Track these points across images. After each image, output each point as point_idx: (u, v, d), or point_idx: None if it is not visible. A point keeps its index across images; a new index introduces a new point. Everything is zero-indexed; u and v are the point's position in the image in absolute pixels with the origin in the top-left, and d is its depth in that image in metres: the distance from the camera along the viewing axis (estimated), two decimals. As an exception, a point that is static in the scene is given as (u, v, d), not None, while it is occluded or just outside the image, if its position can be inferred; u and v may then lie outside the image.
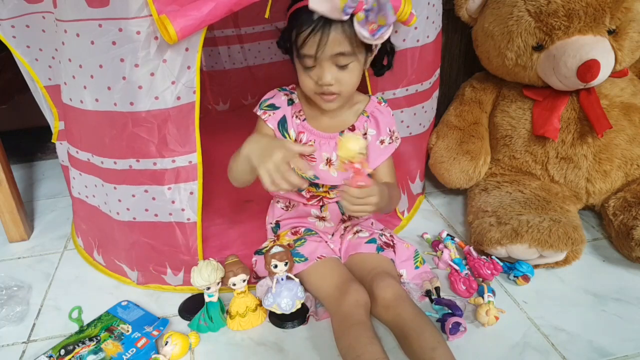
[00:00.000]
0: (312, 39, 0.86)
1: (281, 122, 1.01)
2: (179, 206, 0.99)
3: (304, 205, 1.09)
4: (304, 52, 0.88)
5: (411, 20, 0.95)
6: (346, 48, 0.88)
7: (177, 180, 0.96)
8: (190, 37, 0.85)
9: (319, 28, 0.85)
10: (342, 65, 0.90)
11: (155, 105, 0.89)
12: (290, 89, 1.05)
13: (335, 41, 0.86)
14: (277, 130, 1.01)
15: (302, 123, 1.01)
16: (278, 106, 1.01)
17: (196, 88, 0.90)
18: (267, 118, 1.00)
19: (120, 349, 0.90)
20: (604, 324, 0.96)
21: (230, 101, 1.98)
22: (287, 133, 1.01)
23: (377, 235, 1.06)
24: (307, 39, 0.86)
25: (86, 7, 0.83)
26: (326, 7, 0.83)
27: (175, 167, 0.95)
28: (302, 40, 0.87)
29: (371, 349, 0.81)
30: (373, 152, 1.03)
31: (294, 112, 1.02)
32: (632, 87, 1.25)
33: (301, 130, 1.01)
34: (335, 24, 0.85)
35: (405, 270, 1.04)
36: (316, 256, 1.00)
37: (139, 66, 0.85)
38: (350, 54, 0.89)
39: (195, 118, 0.92)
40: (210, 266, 0.96)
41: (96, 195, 1.06)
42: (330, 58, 0.88)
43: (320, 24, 0.85)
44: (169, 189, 0.97)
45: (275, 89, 1.04)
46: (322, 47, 0.86)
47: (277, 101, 1.02)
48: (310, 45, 0.87)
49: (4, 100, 1.79)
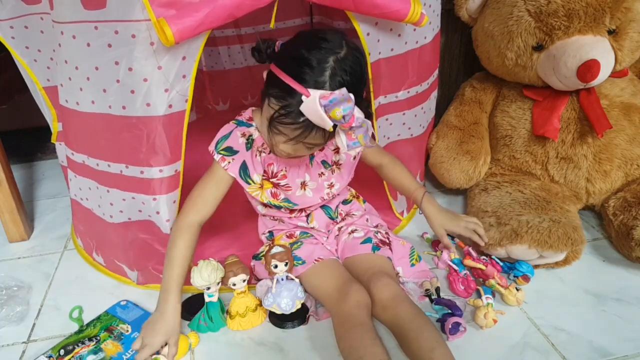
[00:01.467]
0: (294, 131, 0.83)
1: (242, 168, 0.97)
2: (163, 217, 0.98)
3: (289, 219, 1.09)
4: (281, 129, 0.84)
5: (422, 21, 0.94)
6: (321, 141, 0.87)
7: (161, 191, 0.95)
8: (190, 46, 0.84)
9: (303, 126, 0.82)
10: (311, 147, 0.88)
11: (146, 112, 0.87)
12: (247, 120, 0.98)
13: (313, 138, 0.84)
14: (240, 178, 0.97)
15: (269, 156, 0.98)
16: (236, 150, 0.96)
17: (188, 97, 0.88)
18: (227, 166, 0.95)
19: (119, 348, 0.90)
20: (604, 324, 0.96)
21: (230, 101, 1.98)
22: (250, 179, 0.98)
23: (372, 234, 1.06)
24: (287, 125, 0.83)
25: (82, 9, 0.82)
26: (316, 120, 0.80)
27: (161, 177, 0.94)
28: (282, 123, 0.83)
29: (373, 351, 0.81)
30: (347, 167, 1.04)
31: (256, 149, 0.97)
32: (632, 87, 1.25)
33: (269, 162, 0.99)
34: (318, 128, 0.82)
35: (401, 267, 1.04)
36: (314, 258, 1.00)
37: (133, 70, 0.84)
38: (322, 144, 0.89)
39: (184, 125, 0.91)
40: (210, 266, 0.96)
41: (89, 199, 1.06)
42: (301, 144, 0.86)
43: (306, 124, 0.82)
44: (154, 200, 0.96)
45: (231, 123, 0.98)
46: (299, 139, 0.84)
47: (234, 144, 0.96)
48: (289, 131, 0.83)
49: (4, 100, 1.79)
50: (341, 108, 0.78)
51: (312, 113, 0.80)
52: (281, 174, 1.00)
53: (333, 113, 0.78)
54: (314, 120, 0.80)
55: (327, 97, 0.78)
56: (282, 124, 0.83)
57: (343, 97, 0.78)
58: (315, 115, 0.80)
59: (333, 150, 1.03)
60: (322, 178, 1.03)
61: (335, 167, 1.04)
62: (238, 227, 1.26)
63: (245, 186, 0.99)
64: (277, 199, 1.02)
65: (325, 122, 0.79)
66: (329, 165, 1.03)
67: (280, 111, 0.82)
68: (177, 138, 0.92)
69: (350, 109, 0.78)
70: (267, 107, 0.86)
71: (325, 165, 1.03)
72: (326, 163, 1.03)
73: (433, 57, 1.19)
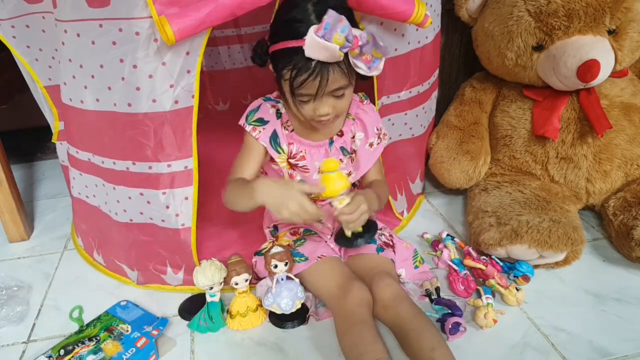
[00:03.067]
0: (312, 83, 0.84)
1: (273, 137, 0.98)
2: (172, 211, 0.98)
3: None
4: (303, 92, 0.86)
5: (426, 22, 0.95)
6: (344, 82, 0.87)
7: (172, 186, 0.96)
8: (192, 41, 0.84)
9: (318, 72, 0.83)
10: (339, 95, 0.89)
11: (152, 108, 0.88)
12: (275, 98, 1.01)
13: (334, 80, 0.85)
14: (270, 147, 0.98)
15: (291, 134, 1.00)
16: (267, 120, 0.98)
17: (195, 93, 0.89)
18: (258, 135, 0.97)
19: (119, 348, 0.90)
20: (604, 324, 0.96)
21: (230, 101, 1.98)
22: (280, 148, 0.99)
23: (376, 235, 1.06)
24: (305, 82, 0.84)
25: (86, 7, 0.83)
26: (324, 55, 0.82)
27: (170, 172, 0.94)
28: (300, 83, 0.84)
29: (374, 348, 0.82)
30: (363, 156, 1.03)
31: (283, 123, 0.99)
32: (632, 87, 1.25)
33: (290, 141, 1.00)
34: (333, 65, 0.84)
35: (404, 269, 1.04)
36: (317, 255, 1.00)
37: (138, 67, 0.85)
38: (346, 86, 0.89)
39: (193, 122, 0.92)
40: (214, 266, 0.96)
41: (97, 195, 1.06)
42: (327, 94, 0.87)
43: (319, 68, 0.83)
44: (164, 194, 0.96)
45: (259, 99, 1.01)
46: (322, 88, 0.85)
47: (265, 114, 0.98)
48: (309, 87, 0.85)
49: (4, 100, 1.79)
50: (338, 31, 0.79)
51: (316, 50, 0.81)
52: (300, 155, 1.00)
53: (334, 39, 0.79)
54: (323, 56, 0.81)
55: (320, 27, 0.80)
56: (301, 85, 0.85)
57: (334, 20, 0.80)
58: (320, 50, 0.81)
59: (351, 137, 1.03)
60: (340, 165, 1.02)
61: (354, 155, 1.04)
62: (240, 227, 1.26)
63: (275, 155, 0.99)
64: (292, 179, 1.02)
65: (332, 49, 0.80)
66: (347, 153, 1.03)
67: (293, 73, 0.84)
68: (185, 134, 0.92)
69: (347, 27, 0.80)
70: (283, 83, 0.88)
71: (344, 152, 1.03)
72: (345, 150, 1.03)
73: (434, 56, 1.20)
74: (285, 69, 0.86)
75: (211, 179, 1.06)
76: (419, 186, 1.37)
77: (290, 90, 0.87)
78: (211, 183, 1.09)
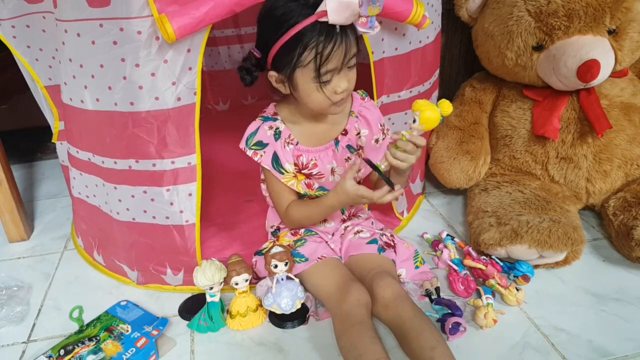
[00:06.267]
0: (338, 52, 0.84)
1: (274, 159, 0.98)
2: (177, 208, 0.98)
3: None
4: (329, 67, 0.85)
5: (424, 23, 0.95)
6: (355, 49, 0.88)
7: (175, 182, 0.96)
8: (193, 38, 0.85)
9: (342, 39, 0.84)
10: (352, 66, 0.89)
11: (155, 106, 0.89)
12: (272, 116, 1.00)
13: (351, 46, 0.86)
14: (273, 169, 0.99)
15: (297, 147, 1.00)
16: (266, 143, 0.98)
17: (197, 89, 0.90)
18: (260, 159, 0.98)
19: (119, 348, 0.90)
20: (604, 324, 0.96)
21: (230, 101, 1.98)
22: (282, 169, 0.99)
23: (377, 236, 1.06)
24: (332, 52, 0.84)
25: (87, 7, 0.83)
26: (347, 15, 0.81)
27: (174, 169, 0.95)
28: (327, 56, 0.84)
29: (373, 349, 0.82)
30: (370, 152, 1.03)
31: (284, 141, 0.99)
32: (632, 87, 1.25)
33: (298, 153, 1.00)
34: (349, 29, 0.84)
35: (404, 269, 1.04)
36: (317, 256, 1.00)
37: (140, 66, 0.85)
38: (356, 53, 0.89)
39: (196, 120, 0.92)
40: (214, 266, 0.96)
41: (97, 195, 1.06)
42: (346, 64, 0.87)
43: (341, 34, 0.83)
44: (168, 190, 0.96)
45: (257, 120, 1.00)
46: (347, 56, 0.85)
47: (263, 137, 0.98)
48: (335, 58, 0.85)
49: (4, 100, 1.80)
50: None
51: (340, 12, 0.80)
52: (312, 164, 1.00)
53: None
54: (345, 17, 0.81)
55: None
56: (328, 58, 0.84)
57: None
58: (344, 10, 0.80)
59: (356, 135, 1.02)
60: (349, 163, 1.03)
61: (361, 152, 1.04)
62: (240, 227, 1.26)
63: (279, 176, 0.99)
64: (312, 189, 1.02)
65: (353, 4, 0.80)
66: (354, 150, 1.03)
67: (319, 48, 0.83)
68: (188, 131, 0.92)
69: None
70: (302, 70, 0.87)
71: (350, 150, 1.03)
72: (351, 147, 1.03)
73: (434, 56, 1.20)
74: (307, 50, 0.84)
75: (211, 178, 1.06)
76: (419, 186, 1.37)
77: (315, 71, 0.86)
78: (211, 183, 1.09)
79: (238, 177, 1.46)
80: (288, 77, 0.89)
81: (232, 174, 1.47)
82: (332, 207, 0.99)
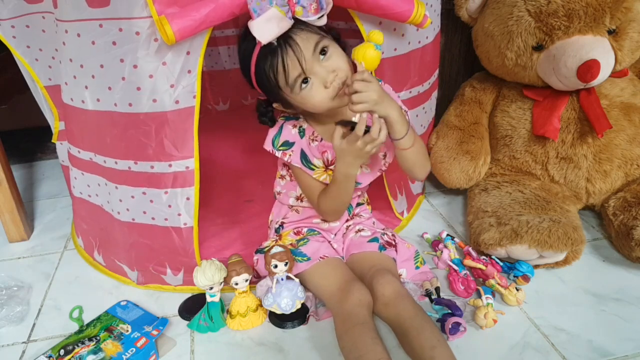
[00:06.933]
0: (290, 60, 0.83)
1: (303, 157, 0.98)
2: (175, 210, 0.98)
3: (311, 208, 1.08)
4: (293, 75, 0.84)
5: (425, 22, 0.94)
6: (316, 38, 0.85)
7: (174, 185, 0.96)
8: (193, 41, 0.84)
9: (285, 45, 0.82)
10: (324, 52, 0.86)
11: (153, 108, 0.88)
12: (292, 115, 1.00)
13: (305, 41, 0.84)
14: (303, 167, 0.98)
15: (322, 143, 0.99)
16: (292, 142, 0.98)
17: (196, 93, 0.89)
18: (290, 159, 0.97)
19: (119, 348, 0.90)
20: (604, 324, 0.96)
21: (230, 101, 1.98)
22: (312, 165, 0.99)
23: (379, 235, 1.06)
24: (284, 63, 0.83)
25: (87, 7, 0.83)
26: (276, 28, 0.81)
27: (172, 172, 0.94)
28: (283, 69, 0.84)
29: (374, 349, 0.82)
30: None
31: (309, 137, 0.98)
32: (632, 87, 1.25)
33: (323, 149, 0.99)
34: (292, 31, 0.83)
35: (405, 269, 1.04)
36: (319, 256, 1.00)
37: (138, 67, 0.85)
38: (320, 39, 0.86)
39: (195, 123, 0.91)
40: (214, 266, 0.96)
41: (99, 195, 1.06)
42: (313, 58, 0.85)
43: (282, 43, 0.82)
44: (166, 193, 0.96)
45: (280, 120, 1.00)
46: (302, 56, 0.83)
47: (288, 136, 0.98)
48: (293, 66, 0.84)
49: (4, 100, 1.79)
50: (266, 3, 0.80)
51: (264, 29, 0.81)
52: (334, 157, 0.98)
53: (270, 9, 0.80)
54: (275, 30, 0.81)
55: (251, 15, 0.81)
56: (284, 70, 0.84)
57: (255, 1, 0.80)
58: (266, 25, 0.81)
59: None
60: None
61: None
62: (240, 227, 1.26)
63: (310, 173, 0.99)
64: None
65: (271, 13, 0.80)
66: None
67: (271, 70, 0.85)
68: (187, 134, 0.92)
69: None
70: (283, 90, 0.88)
71: None
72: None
73: (434, 56, 1.20)
74: (269, 75, 0.85)
75: (211, 179, 1.06)
76: (419, 186, 1.37)
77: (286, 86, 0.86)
78: (211, 183, 1.09)
79: (238, 177, 1.46)
80: (282, 101, 0.91)
81: (232, 174, 1.47)
82: (343, 174, 0.93)
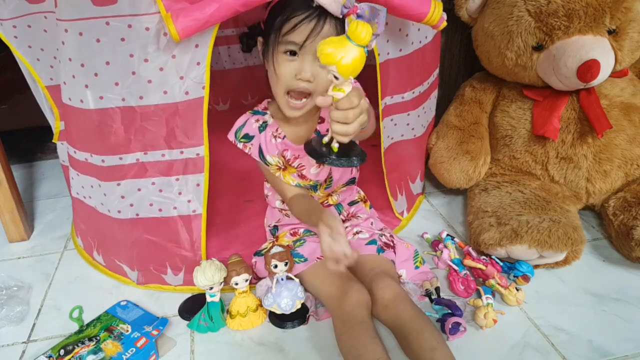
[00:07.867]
0: (305, 26, 0.83)
1: (260, 151, 1.00)
2: (185, 198, 0.99)
3: None
4: (291, 38, 0.85)
5: (441, 24, 0.94)
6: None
7: (184, 172, 0.97)
8: (202, 34, 0.86)
9: (315, 16, 0.83)
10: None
11: (164, 99, 0.90)
12: (262, 110, 1.02)
13: (326, 35, 0.84)
14: (260, 161, 1.01)
15: (284, 141, 1.00)
16: (252, 135, 1.00)
17: (205, 84, 0.91)
18: (249, 151, 1.01)
19: (119, 348, 0.90)
20: (604, 324, 0.96)
21: (230, 101, 1.98)
22: (266, 161, 1.01)
23: (377, 236, 1.06)
24: (298, 24, 0.83)
25: (91, 6, 0.83)
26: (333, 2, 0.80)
27: (183, 159, 0.96)
28: (293, 26, 0.83)
29: (373, 349, 0.81)
30: None
31: (271, 134, 1.00)
32: (632, 87, 1.25)
33: (284, 148, 1.00)
34: (330, 18, 0.83)
35: (404, 270, 1.04)
36: (316, 256, 1.00)
37: (149, 61, 0.87)
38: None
39: (204, 113, 0.93)
40: (214, 266, 0.96)
41: (92, 197, 1.06)
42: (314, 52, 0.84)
43: (317, 13, 0.83)
44: (177, 180, 0.98)
45: (247, 113, 1.02)
46: (313, 37, 0.84)
47: (249, 130, 1.00)
48: (301, 32, 0.84)
49: (4, 100, 1.80)
50: None
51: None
52: (298, 163, 1.01)
53: None
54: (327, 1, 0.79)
55: None
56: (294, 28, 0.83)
57: None
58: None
59: None
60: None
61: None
62: (240, 227, 1.26)
63: (267, 168, 1.01)
64: (305, 179, 1.02)
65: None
66: None
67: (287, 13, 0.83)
68: (196, 123, 0.94)
69: None
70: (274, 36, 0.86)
71: None
72: None
73: (434, 56, 1.20)
74: (282, 14, 0.84)
75: (211, 178, 1.06)
76: (419, 186, 1.37)
77: (278, 41, 0.85)
78: (211, 183, 1.09)
79: (238, 177, 1.46)
80: (266, 41, 0.90)
81: (232, 174, 1.47)
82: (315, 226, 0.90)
